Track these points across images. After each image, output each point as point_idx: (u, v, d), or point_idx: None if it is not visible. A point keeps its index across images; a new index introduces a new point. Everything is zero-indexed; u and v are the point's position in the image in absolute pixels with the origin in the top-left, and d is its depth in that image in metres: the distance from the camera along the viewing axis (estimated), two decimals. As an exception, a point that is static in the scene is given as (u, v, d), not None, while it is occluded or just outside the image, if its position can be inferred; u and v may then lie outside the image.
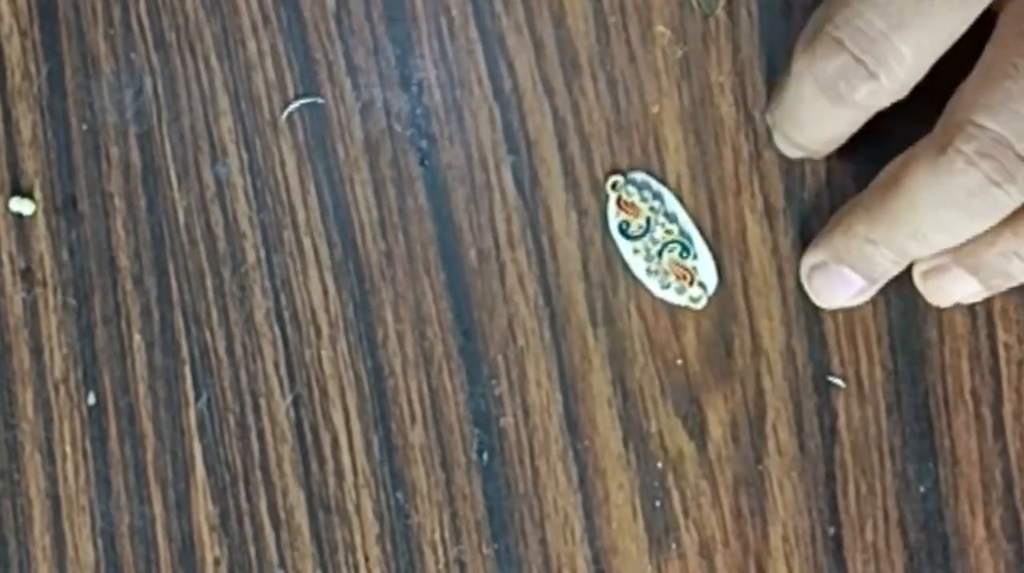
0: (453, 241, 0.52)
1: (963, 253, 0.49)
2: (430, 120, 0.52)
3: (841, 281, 0.52)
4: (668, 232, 0.51)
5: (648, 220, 0.51)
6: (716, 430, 0.53)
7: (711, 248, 0.51)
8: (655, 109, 0.53)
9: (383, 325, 0.55)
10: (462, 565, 0.54)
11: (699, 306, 0.50)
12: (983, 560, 0.52)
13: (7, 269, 0.56)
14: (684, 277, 0.51)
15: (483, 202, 0.52)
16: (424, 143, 0.52)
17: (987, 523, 0.52)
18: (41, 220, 0.55)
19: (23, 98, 0.56)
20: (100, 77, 0.55)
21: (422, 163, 0.52)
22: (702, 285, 0.51)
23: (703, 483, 0.53)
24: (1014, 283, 0.49)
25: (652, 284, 0.51)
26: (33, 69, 0.55)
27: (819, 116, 0.48)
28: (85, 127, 0.55)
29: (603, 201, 0.52)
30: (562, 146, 0.53)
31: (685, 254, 0.51)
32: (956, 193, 0.45)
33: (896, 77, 0.46)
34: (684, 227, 0.51)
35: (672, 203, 0.51)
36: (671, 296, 0.51)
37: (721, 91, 0.51)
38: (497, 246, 0.52)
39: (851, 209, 0.50)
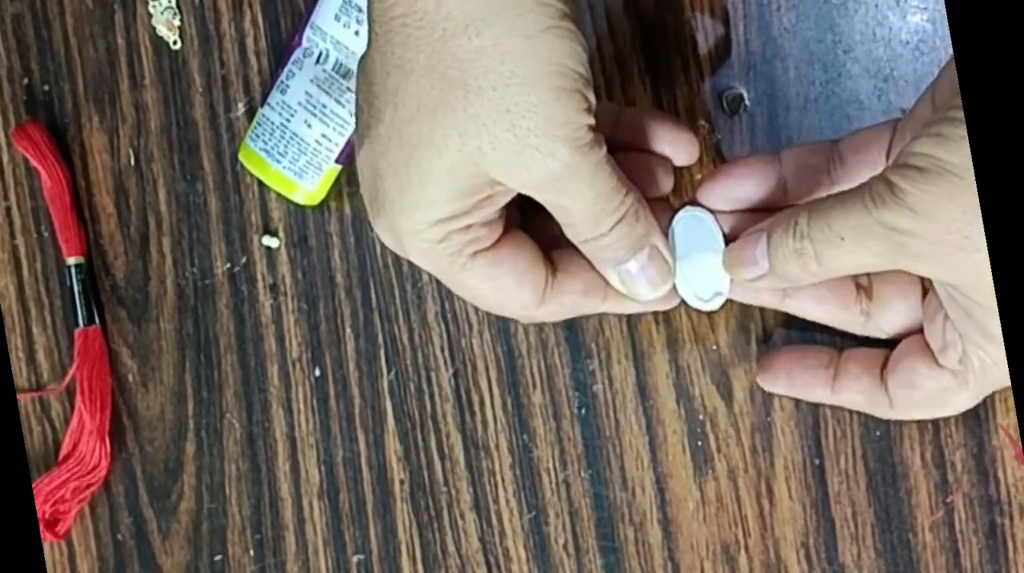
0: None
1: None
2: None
3: (755, 256, 0.55)
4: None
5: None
6: (739, 394, 0.64)
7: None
8: (699, 177, 0.64)
9: (513, 321, 0.65)
10: (568, 485, 0.65)
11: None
12: (919, 482, 0.63)
13: (260, 284, 0.68)
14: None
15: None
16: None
17: (922, 456, 0.63)
18: (284, 251, 0.67)
19: None
20: None
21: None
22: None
23: (730, 429, 0.64)
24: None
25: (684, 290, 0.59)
26: None
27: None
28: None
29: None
30: None
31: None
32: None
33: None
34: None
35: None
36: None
37: (742, 167, 0.61)
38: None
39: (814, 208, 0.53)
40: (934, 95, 0.53)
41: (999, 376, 0.54)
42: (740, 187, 0.58)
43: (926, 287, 0.57)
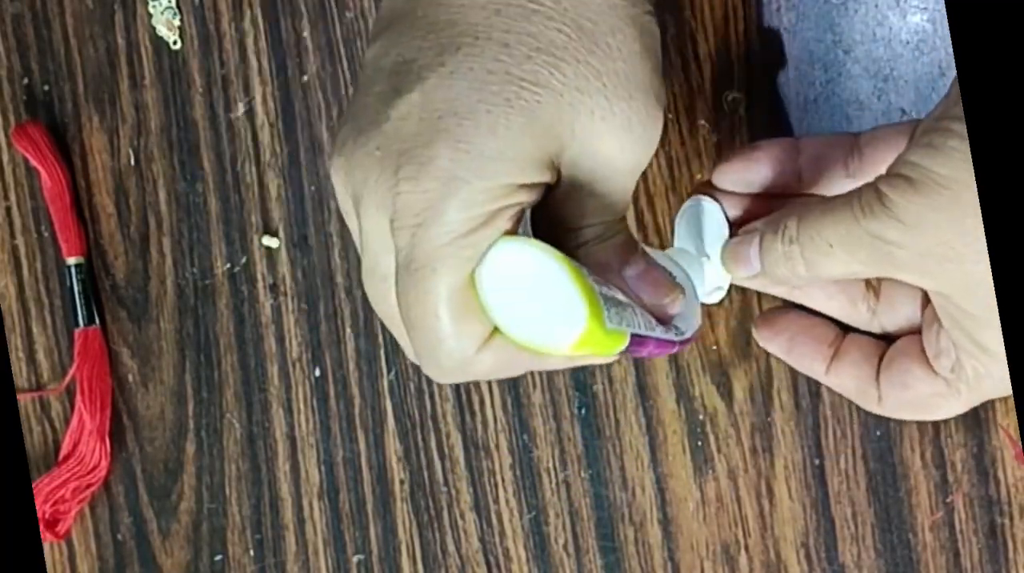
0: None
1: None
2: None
3: (749, 255, 0.55)
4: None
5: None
6: (739, 393, 0.63)
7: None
8: (699, 177, 0.63)
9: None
10: (568, 485, 0.65)
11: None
12: (919, 482, 0.62)
13: (260, 284, 0.67)
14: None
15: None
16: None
17: (922, 456, 0.62)
18: (284, 251, 0.67)
19: (272, 169, 0.67)
20: (323, 155, 0.67)
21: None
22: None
23: (730, 429, 0.63)
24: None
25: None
26: (278, 150, 0.67)
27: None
28: (313, 188, 0.67)
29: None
30: (635, 202, 0.63)
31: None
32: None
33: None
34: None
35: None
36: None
37: (742, 167, 0.61)
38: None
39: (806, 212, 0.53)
40: (946, 98, 0.52)
41: (992, 387, 0.54)
42: (756, 171, 0.58)
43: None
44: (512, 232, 0.48)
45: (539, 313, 0.48)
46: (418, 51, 0.48)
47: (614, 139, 0.49)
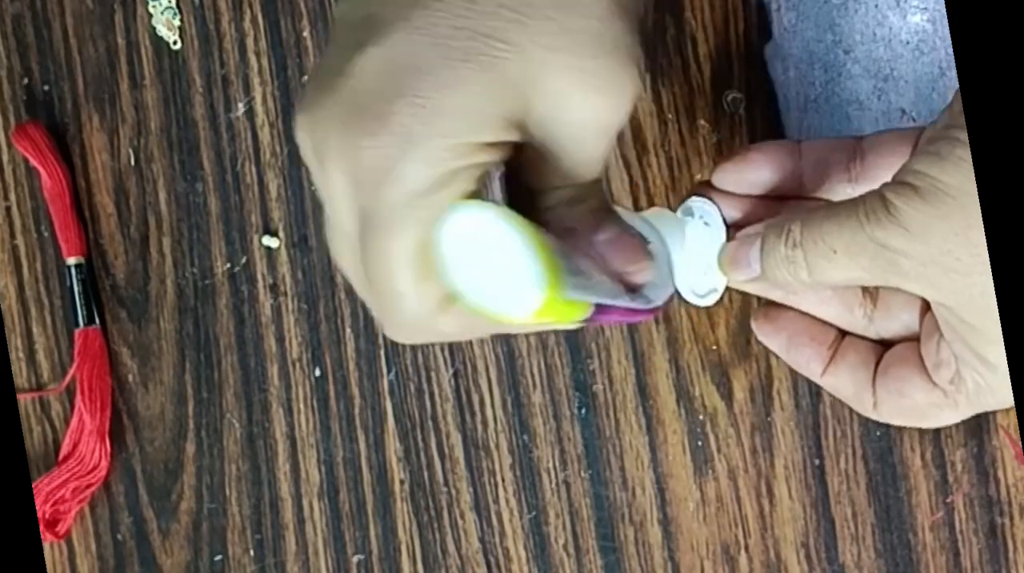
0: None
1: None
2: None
3: (748, 259, 0.54)
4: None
5: None
6: (740, 394, 0.64)
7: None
8: (698, 177, 0.64)
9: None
10: (568, 485, 0.65)
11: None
12: (919, 482, 0.63)
13: (260, 284, 0.68)
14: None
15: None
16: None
17: (922, 456, 0.63)
18: (284, 251, 0.68)
19: (272, 168, 0.68)
20: None
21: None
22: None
23: (730, 429, 0.64)
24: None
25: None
26: (278, 149, 0.68)
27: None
28: (313, 188, 0.67)
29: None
30: (635, 203, 0.64)
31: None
32: None
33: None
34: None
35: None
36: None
37: (742, 167, 0.61)
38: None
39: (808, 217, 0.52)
40: (951, 107, 0.52)
41: (991, 400, 0.53)
42: (756, 172, 0.57)
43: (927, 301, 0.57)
44: (476, 194, 0.47)
45: (497, 280, 0.46)
46: (383, 5, 0.47)
47: (583, 99, 0.48)
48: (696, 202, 0.58)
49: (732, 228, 0.57)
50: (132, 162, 0.70)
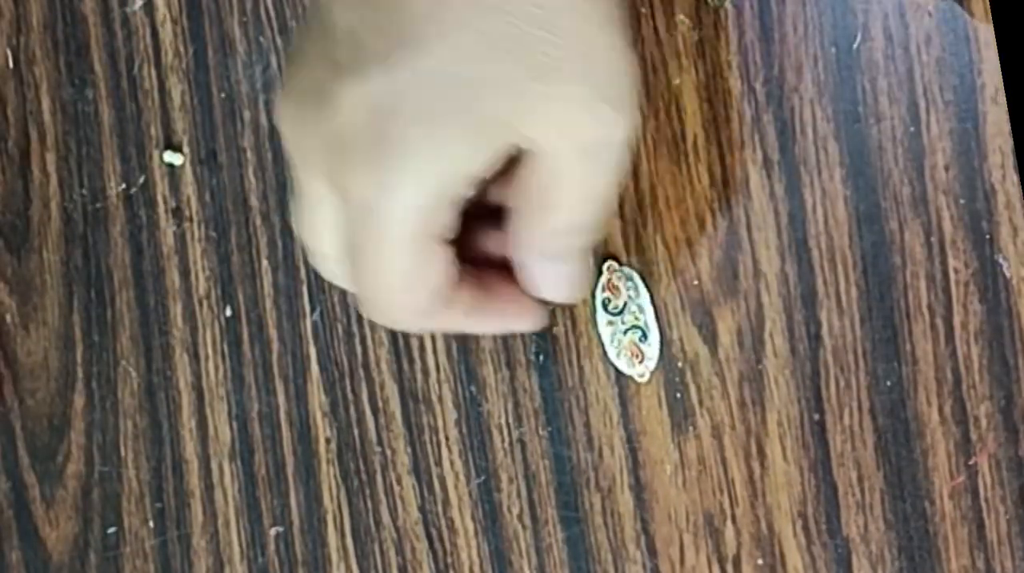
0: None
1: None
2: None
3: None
4: (636, 319, 0.60)
5: (624, 304, 0.61)
6: (725, 337, 0.61)
7: (661, 337, 0.60)
8: (676, 81, 0.61)
9: (460, 254, 0.62)
10: (523, 444, 0.63)
11: (643, 381, 0.60)
12: (937, 440, 0.60)
13: (161, 208, 0.66)
14: (636, 356, 0.61)
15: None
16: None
17: (940, 410, 0.60)
18: (188, 169, 0.65)
19: (174, 72, 0.66)
20: (235, 55, 0.65)
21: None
22: (647, 365, 0.60)
23: (715, 379, 0.61)
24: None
25: (611, 351, 0.61)
26: (182, 49, 0.65)
27: None
28: (223, 95, 0.65)
29: (595, 276, 0.61)
30: None
31: (642, 340, 0.60)
32: None
33: None
34: (648, 319, 0.60)
35: (645, 299, 0.60)
36: (622, 365, 0.61)
37: (729, 67, 0.60)
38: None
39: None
40: None
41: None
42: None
43: None
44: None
45: None
46: (371, 33, 0.50)
47: (582, 124, 0.51)
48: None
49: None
50: (10, 64, 0.68)
